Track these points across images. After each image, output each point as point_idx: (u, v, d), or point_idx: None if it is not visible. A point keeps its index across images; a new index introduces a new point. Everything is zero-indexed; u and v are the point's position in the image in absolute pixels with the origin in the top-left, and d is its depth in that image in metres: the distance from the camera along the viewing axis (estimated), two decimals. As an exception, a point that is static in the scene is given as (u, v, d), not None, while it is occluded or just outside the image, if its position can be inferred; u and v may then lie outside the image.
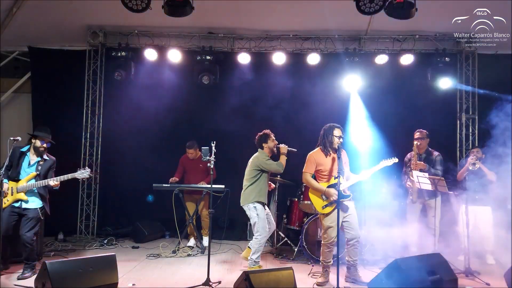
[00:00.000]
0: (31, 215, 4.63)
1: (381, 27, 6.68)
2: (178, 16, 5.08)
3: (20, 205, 4.64)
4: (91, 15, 6.60)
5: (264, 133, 5.26)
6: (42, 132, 4.80)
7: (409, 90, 6.97)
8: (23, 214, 4.64)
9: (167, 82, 7.13)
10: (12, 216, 4.59)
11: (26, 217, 4.61)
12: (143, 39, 7.05)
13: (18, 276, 4.56)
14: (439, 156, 5.73)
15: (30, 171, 4.72)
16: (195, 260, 5.67)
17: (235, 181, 6.68)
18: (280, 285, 3.65)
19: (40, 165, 4.74)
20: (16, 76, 7.70)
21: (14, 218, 4.61)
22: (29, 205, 4.66)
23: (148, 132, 7.17)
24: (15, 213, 4.62)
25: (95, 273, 3.74)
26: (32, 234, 4.59)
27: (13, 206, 4.62)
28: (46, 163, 4.78)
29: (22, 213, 4.64)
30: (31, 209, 4.66)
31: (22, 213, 4.64)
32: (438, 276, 3.73)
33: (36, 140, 4.75)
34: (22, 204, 4.64)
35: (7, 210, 4.57)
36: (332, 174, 4.58)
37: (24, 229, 4.57)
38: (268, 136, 5.22)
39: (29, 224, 4.59)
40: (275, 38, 7.03)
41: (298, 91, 7.28)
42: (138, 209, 7.10)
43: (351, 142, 6.27)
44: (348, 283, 4.63)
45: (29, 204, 4.66)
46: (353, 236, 4.57)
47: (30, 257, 4.67)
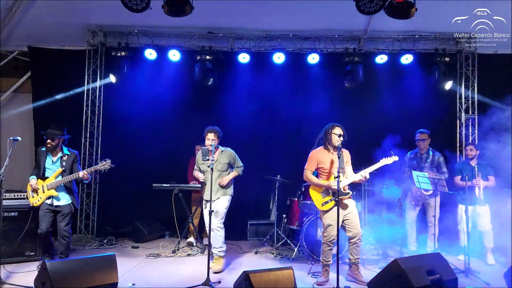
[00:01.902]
0: (65, 210, 4.87)
1: (381, 27, 6.68)
2: (178, 16, 5.08)
3: (52, 203, 4.85)
4: (91, 15, 6.59)
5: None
6: (49, 129, 4.94)
7: (409, 90, 6.97)
8: (58, 211, 4.86)
9: (167, 82, 7.13)
10: (47, 213, 4.83)
11: (61, 213, 4.86)
12: (143, 39, 7.04)
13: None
14: (442, 158, 5.73)
15: (55, 168, 4.92)
16: (195, 260, 5.67)
17: (235, 181, 6.72)
18: (280, 284, 3.64)
19: (64, 161, 4.93)
20: (16, 76, 7.69)
21: (50, 215, 4.85)
22: (60, 202, 4.87)
23: (148, 132, 7.16)
24: (49, 211, 4.84)
25: (95, 273, 3.74)
26: (68, 228, 4.88)
27: (46, 204, 4.83)
28: (69, 157, 4.98)
29: (56, 210, 4.86)
30: (63, 205, 4.88)
31: (56, 210, 4.86)
32: (438, 276, 3.73)
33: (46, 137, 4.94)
34: (54, 201, 4.85)
35: (43, 209, 4.84)
36: (332, 172, 4.59)
37: (62, 224, 4.84)
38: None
39: (65, 219, 4.86)
40: (275, 38, 7.03)
41: (298, 91, 7.28)
42: (138, 209, 7.09)
43: (351, 142, 6.27)
44: (349, 281, 4.63)
45: (60, 201, 4.87)
46: (354, 235, 4.58)
47: (66, 250, 4.94)
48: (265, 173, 6.68)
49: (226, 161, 5.25)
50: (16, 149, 4.59)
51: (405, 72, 6.99)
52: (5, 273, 4.61)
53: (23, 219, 5.24)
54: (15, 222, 5.21)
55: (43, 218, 4.81)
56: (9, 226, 5.14)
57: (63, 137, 5.00)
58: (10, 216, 5.18)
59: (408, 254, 5.54)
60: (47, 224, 4.79)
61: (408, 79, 6.98)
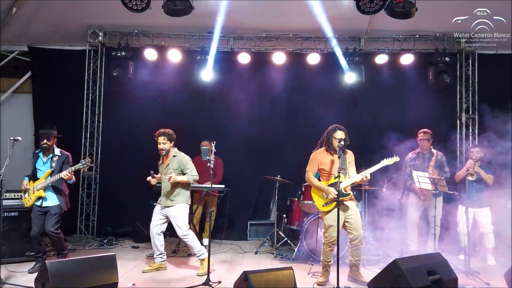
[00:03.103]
0: (53, 211, 4.85)
1: (381, 27, 6.68)
2: (178, 16, 5.08)
3: (41, 204, 4.85)
4: (91, 15, 6.59)
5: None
6: (42, 130, 4.96)
7: (409, 89, 6.97)
8: (46, 211, 4.85)
9: (167, 82, 7.13)
10: (39, 216, 4.84)
11: (49, 213, 4.84)
12: (143, 39, 7.04)
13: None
14: (444, 157, 5.72)
15: (45, 169, 4.91)
16: (195, 260, 5.66)
17: (235, 181, 6.72)
18: (280, 284, 3.64)
19: (54, 161, 4.92)
20: (16, 76, 7.70)
21: (41, 217, 4.84)
22: (48, 203, 4.86)
23: (147, 132, 7.13)
24: (41, 212, 4.85)
25: (95, 273, 3.73)
26: (55, 228, 4.82)
27: (36, 206, 4.85)
28: (59, 158, 4.96)
29: (45, 211, 4.85)
30: (52, 206, 4.86)
31: (45, 211, 4.85)
32: (438, 276, 3.72)
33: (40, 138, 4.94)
34: (43, 202, 4.85)
35: (34, 211, 4.85)
36: (332, 173, 4.60)
37: (48, 223, 4.80)
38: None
39: (52, 219, 4.82)
40: (275, 38, 7.03)
41: (298, 91, 7.28)
42: (138, 209, 7.08)
43: (351, 142, 6.27)
44: (350, 282, 4.63)
45: (48, 202, 4.86)
46: (355, 237, 4.57)
47: (60, 247, 4.97)
48: (265, 173, 6.68)
49: (175, 167, 4.94)
50: (16, 149, 4.58)
51: (405, 72, 6.99)
52: (5, 273, 4.60)
53: (23, 219, 5.23)
54: (15, 222, 5.21)
55: (34, 221, 4.82)
56: (9, 226, 5.14)
57: (56, 136, 5.01)
58: (10, 216, 5.18)
59: (408, 254, 5.54)
60: (39, 227, 4.79)
61: (408, 79, 6.98)
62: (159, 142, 4.98)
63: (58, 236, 4.87)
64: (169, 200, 4.95)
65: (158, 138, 4.98)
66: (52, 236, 4.83)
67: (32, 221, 4.85)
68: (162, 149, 4.97)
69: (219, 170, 6.45)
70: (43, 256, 4.93)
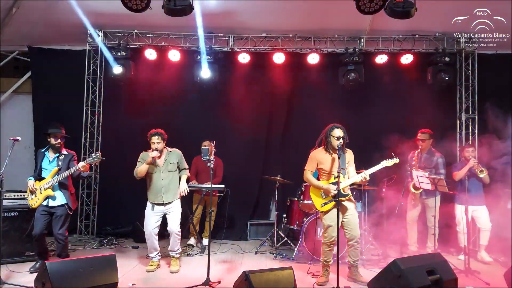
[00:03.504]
0: (59, 212, 4.83)
1: (381, 27, 6.68)
2: (178, 16, 5.07)
3: (48, 203, 4.83)
4: (91, 15, 6.58)
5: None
6: (54, 129, 4.98)
7: (409, 89, 6.97)
8: (52, 212, 4.84)
9: (167, 82, 7.13)
10: (44, 215, 4.82)
11: (55, 215, 4.83)
12: (143, 39, 7.04)
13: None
14: (441, 159, 5.72)
15: (51, 167, 4.91)
16: (195, 260, 5.67)
17: (235, 181, 6.72)
18: (280, 284, 3.64)
19: (60, 160, 4.93)
20: (16, 76, 7.70)
21: (46, 217, 4.83)
22: (55, 202, 4.85)
23: (147, 132, 7.14)
24: (46, 212, 4.83)
25: (95, 273, 3.73)
26: (63, 231, 4.85)
27: (42, 205, 4.82)
28: (65, 157, 4.99)
29: (51, 211, 4.84)
30: (58, 206, 4.85)
31: (51, 211, 4.84)
32: (438, 276, 3.73)
33: (51, 138, 4.94)
34: (49, 202, 4.83)
35: (39, 210, 4.83)
36: (332, 172, 4.59)
37: (56, 227, 4.81)
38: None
39: (59, 221, 4.82)
40: (275, 38, 7.03)
41: (298, 91, 7.28)
42: (138, 209, 7.06)
43: (351, 142, 6.27)
44: (350, 282, 4.63)
45: (55, 201, 4.85)
46: (352, 236, 4.58)
47: (63, 253, 4.94)
48: (265, 173, 6.68)
49: (175, 161, 5.13)
50: (16, 149, 4.59)
51: (405, 71, 6.99)
52: (5, 273, 4.60)
53: (23, 219, 5.24)
54: (15, 222, 5.22)
55: (38, 220, 4.80)
56: (9, 226, 5.14)
57: (65, 136, 5.06)
58: (10, 216, 5.18)
59: (408, 254, 5.54)
60: (41, 227, 4.77)
61: (408, 79, 6.98)
62: (153, 142, 5.04)
63: (65, 240, 4.89)
64: (170, 196, 5.05)
65: (152, 138, 5.04)
66: (60, 240, 4.84)
67: (34, 221, 4.84)
68: (156, 149, 5.01)
69: (219, 171, 6.45)
70: (44, 255, 4.92)
